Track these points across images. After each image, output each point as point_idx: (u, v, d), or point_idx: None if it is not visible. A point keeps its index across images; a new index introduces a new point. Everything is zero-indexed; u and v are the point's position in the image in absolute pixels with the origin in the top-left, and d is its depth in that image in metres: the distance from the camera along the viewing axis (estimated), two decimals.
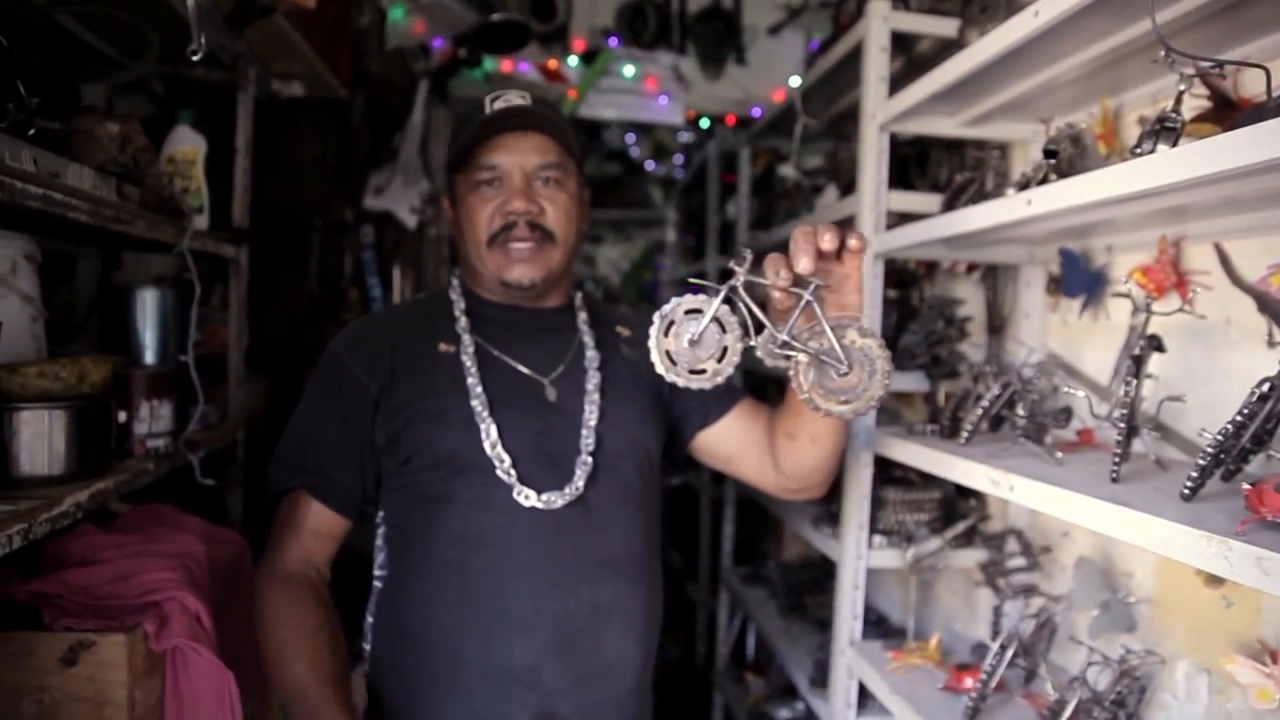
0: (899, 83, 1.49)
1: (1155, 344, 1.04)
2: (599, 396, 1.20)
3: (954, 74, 1.27)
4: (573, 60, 2.93)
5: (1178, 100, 0.90)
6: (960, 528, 1.57)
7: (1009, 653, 1.23)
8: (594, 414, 1.18)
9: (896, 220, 1.63)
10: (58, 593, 1.02)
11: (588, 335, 1.26)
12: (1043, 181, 1.14)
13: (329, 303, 2.60)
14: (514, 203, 1.17)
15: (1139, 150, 0.91)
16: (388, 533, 1.20)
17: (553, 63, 2.91)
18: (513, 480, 1.11)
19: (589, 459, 1.15)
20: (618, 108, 2.97)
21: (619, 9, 2.99)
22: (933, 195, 1.63)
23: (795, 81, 2.40)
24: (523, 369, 1.20)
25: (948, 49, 1.48)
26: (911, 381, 1.61)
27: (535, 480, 1.12)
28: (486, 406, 1.13)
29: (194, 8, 1.06)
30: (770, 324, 0.95)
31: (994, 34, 1.14)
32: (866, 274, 1.60)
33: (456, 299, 1.24)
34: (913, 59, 1.92)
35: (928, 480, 1.65)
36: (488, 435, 1.12)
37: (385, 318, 1.31)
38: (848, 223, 1.77)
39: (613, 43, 2.97)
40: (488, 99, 1.21)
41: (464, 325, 1.20)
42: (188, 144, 1.50)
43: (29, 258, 1.13)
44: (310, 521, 1.17)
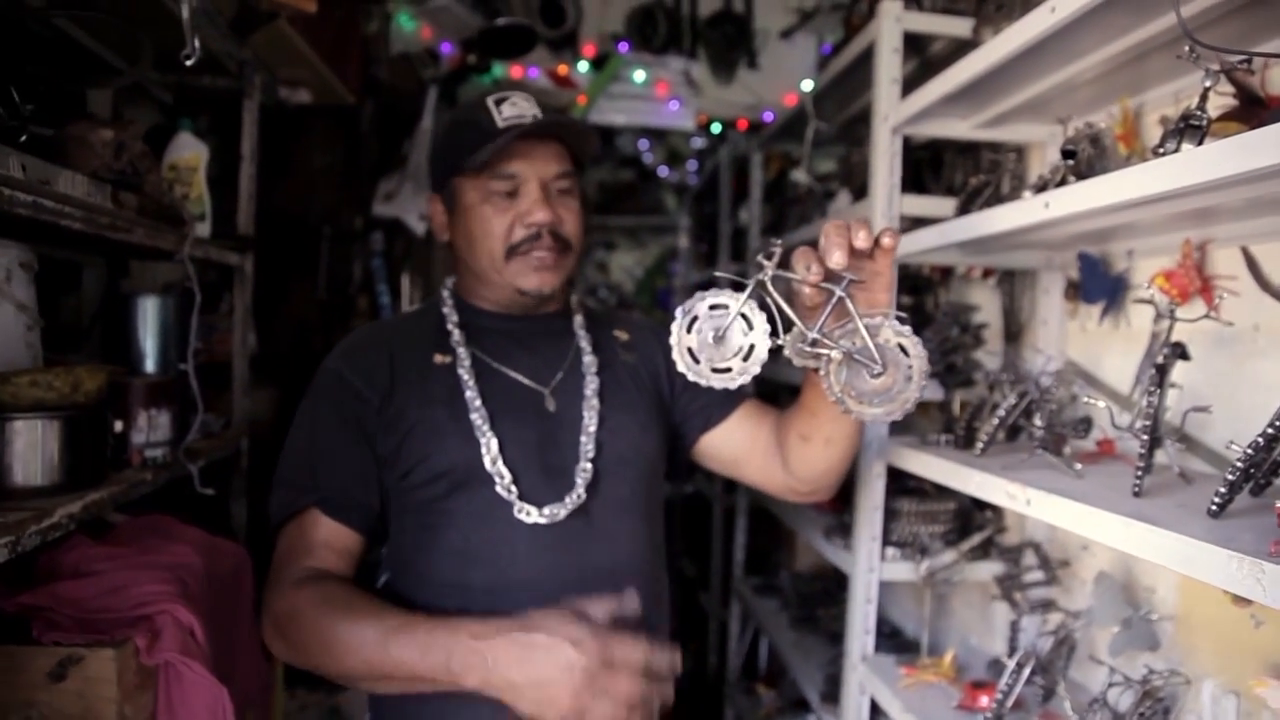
0: (912, 85, 1.46)
1: (1179, 352, 1.00)
2: (598, 402, 1.17)
3: (968, 74, 1.24)
4: (583, 66, 2.92)
5: (1203, 97, 0.86)
6: (976, 540, 1.53)
7: (1026, 671, 1.19)
8: (593, 420, 1.15)
9: (910, 225, 1.59)
10: (48, 606, 1.00)
11: (585, 340, 1.23)
12: (1061, 183, 1.10)
13: (338, 310, 2.59)
14: (538, 214, 1.12)
15: (1162, 150, 0.87)
16: (389, 552, 1.17)
17: (562, 68, 2.89)
18: (513, 497, 1.07)
19: (589, 466, 1.12)
20: (628, 113, 2.95)
21: (629, 14, 2.97)
22: (947, 199, 1.59)
23: (807, 85, 2.37)
24: (522, 379, 1.17)
25: (962, 50, 1.45)
26: (924, 391, 1.57)
27: (536, 493, 1.09)
28: (487, 420, 1.10)
29: (189, 12, 1.04)
30: (799, 321, 0.90)
31: (1009, 31, 1.11)
32: None
33: (449, 312, 1.20)
34: (926, 61, 1.89)
35: (942, 491, 1.61)
36: (488, 450, 1.08)
37: (380, 331, 1.25)
38: None
39: (623, 48, 2.95)
40: (490, 101, 1.16)
41: (458, 338, 1.16)
42: (189, 151, 1.49)
43: (25, 266, 1.12)
44: (322, 537, 1.08)
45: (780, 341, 0.89)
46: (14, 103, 0.96)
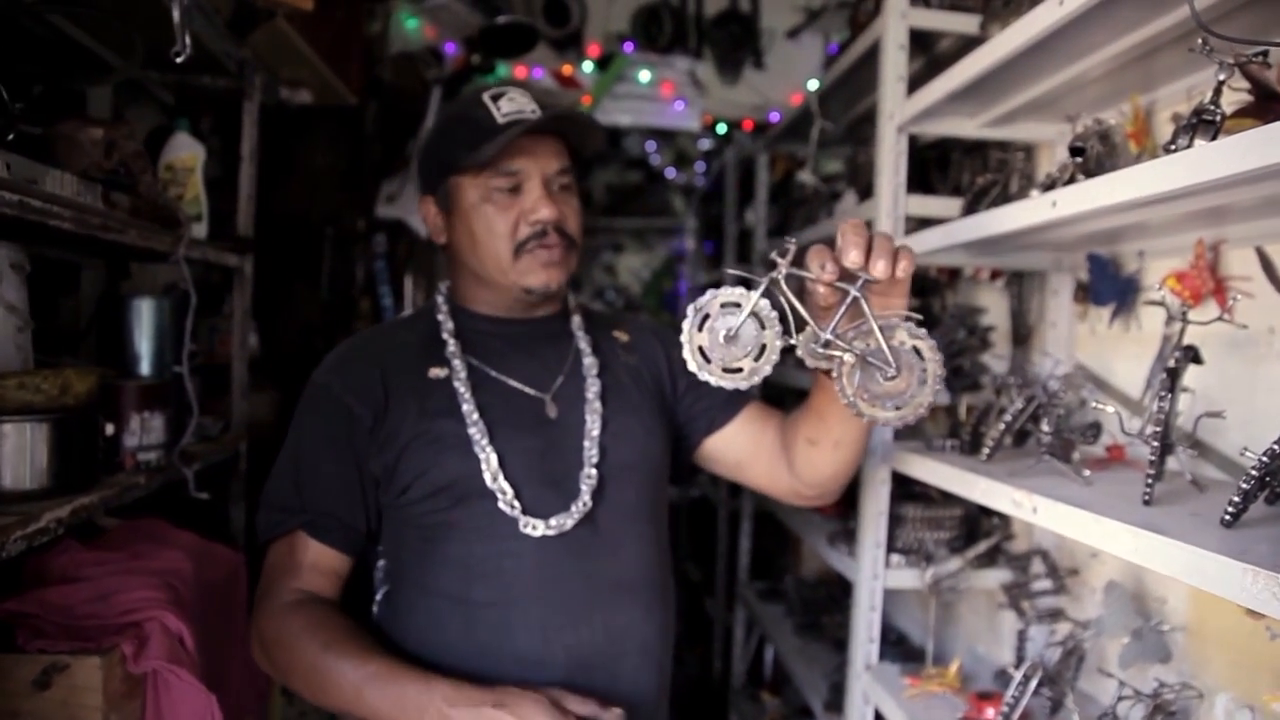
0: (919, 84, 1.43)
1: (1191, 355, 0.97)
2: (600, 405, 1.14)
3: (974, 70, 1.21)
4: (587, 66, 2.90)
5: (1216, 92, 0.83)
6: (982, 547, 1.50)
7: (1033, 683, 1.16)
8: (596, 424, 1.12)
9: (916, 225, 1.57)
10: (33, 612, 0.99)
11: (584, 342, 1.20)
12: (1069, 182, 1.07)
13: (340, 312, 2.58)
14: (543, 210, 1.09)
15: (1173, 146, 0.85)
16: (387, 566, 1.13)
17: (567, 68, 2.88)
18: (517, 512, 1.04)
19: (593, 472, 1.09)
20: (633, 113, 2.93)
21: (634, 13, 2.95)
22: (954, 199, 1.56)
23: (814, 85, 2.34)
24: (521, 387, 1.13)
25: (969, 47, 1.42)
26: (939, 394, 1.54)
27: (540, 504, 1.06)
28: (485, 434, 1.06)
29: (180, 10, 1.02)
30: (812, 321, 0.88)
31: (1016, 26, 1.08)
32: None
33: (444, 319, 1.16)
34: (934, 59, 1.86)
35: (949, 497, 1.58)
36: (488, 465, 1.05)
37: (371, 342, 1.19)
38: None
39: (628, 48, 2.93)
40: (486, 97, 1.11)
41: (454, 349, 1.13)
42: (186, 151, 1.48)
43: (15, 266, 1.11)
44: (309, 559, 1.06)
45: (793, 341, 0.88)
46: (2, 100, 0.95)
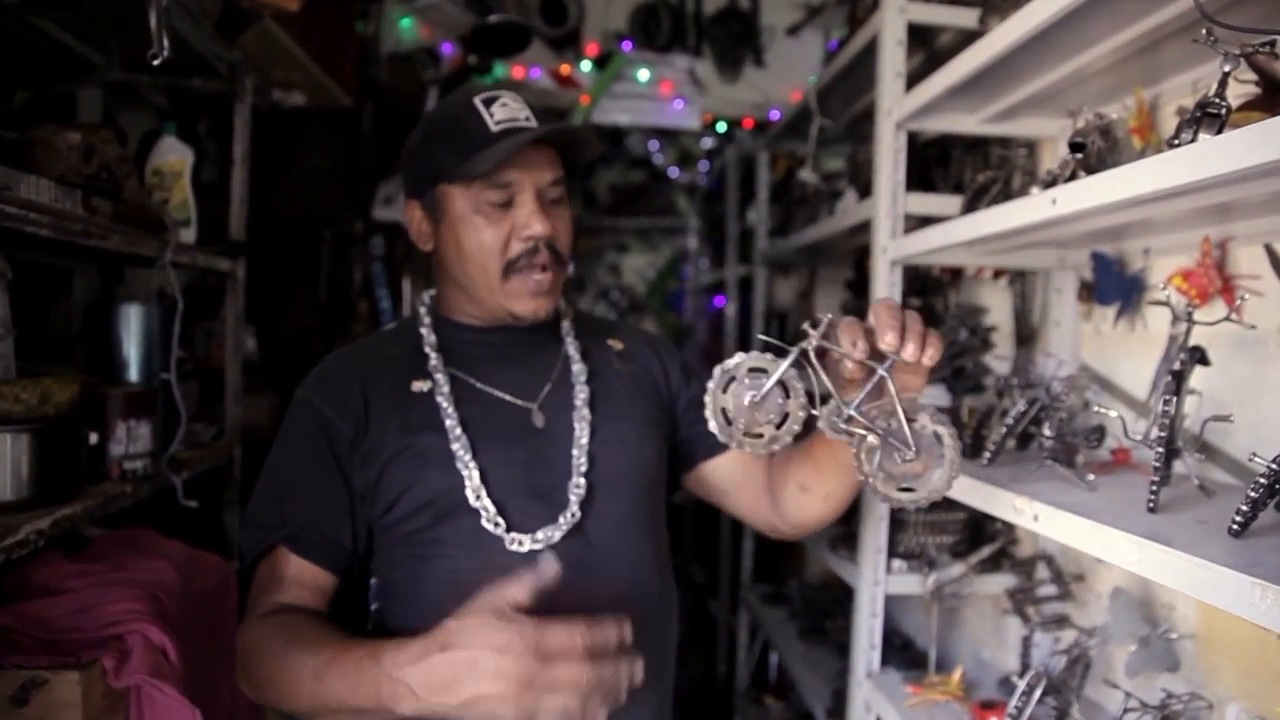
0: (919, 81, 1.40)
1: (1198, 356, 0.94)
2: (589, 412, 1.10)
3: (973, 64, 1.18)
4: (585, 65, 2.87)
5: (1221, 84, 0.80)
6: (985, 552, 1.47)
7: (1036, 693, 1.13)
8: (584, 432, 1.09)
9: (916, 224, 1.54)
10: (11, 626, 0.97)
11: (573, 348, 1.16)
12: (1070, 179, 1.04)
13: (338, 315, 2.57)
14: (535, 226, 1.04)
15: (1177, 141, 0.82)
16: (378, 584, 1.10)
17: (565, 68, 2.85)
18: (501, 531, 1.01)
19: (582, 482, 1.06)
20: (632, 113, 2.90)
21: (632, 11, 2.92)
22: (954, 197, 1.53)
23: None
24: (507, 397, 1.10)
25: (969, 42, 1.39)
26: (931, 396, 1.51)
27: (527, 519, 1.03)
28: (468, 449, 1.03)
29: (156, 12, 1.00)
30: (836, 394, 0.89)
31: (1015, 18, 1.05)
32: (884, 281, 1.51)
33: (426, 333, 1.12)
34: (933, 54, 1.83)
35: (951, 500, 1.55)
36: (470, 481, 1.02)
37: (353, 356, 1.15)
38: (864, 226, 1.69)
39: (626, 46, 2.90)
40: (478, 101, 1.08)
41: (436, 363, 1.09)
42: (174, 155, 1.46)
43: None
44: (291, 574, 1.02)
45: (815, 412, 0.89)
46: None
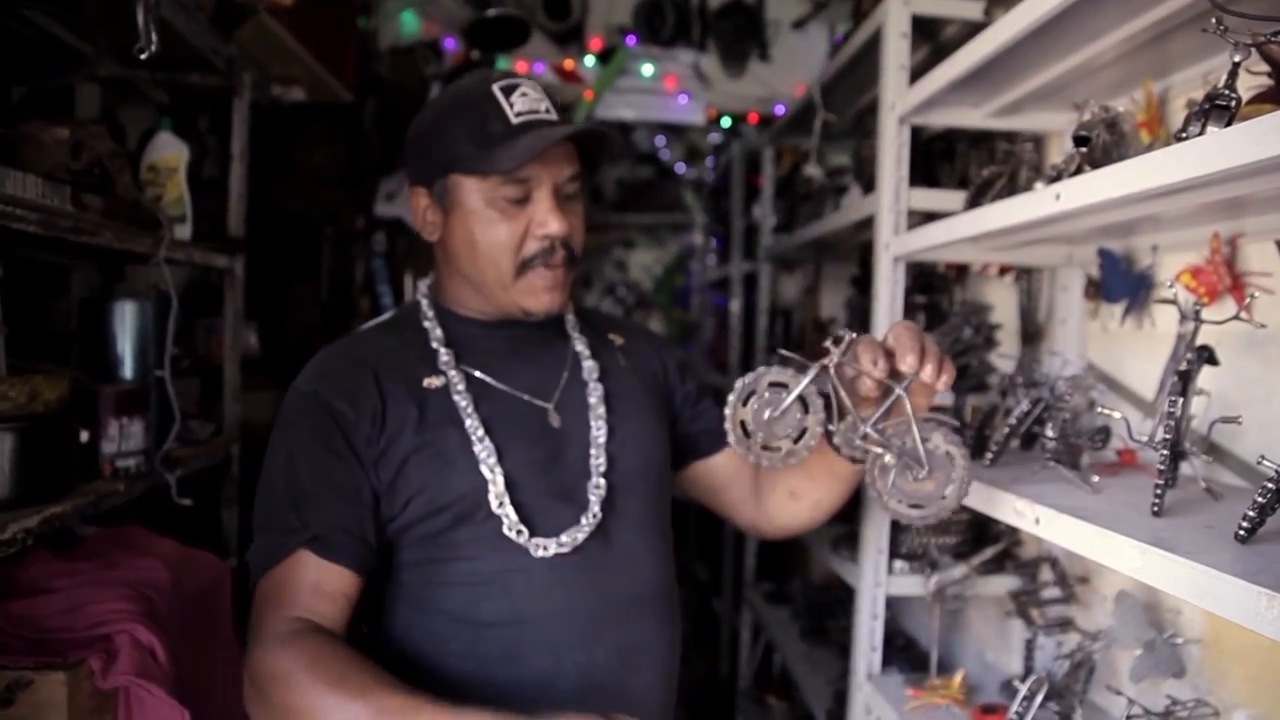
0: (924, 74, 1.37)
1: (1206, 356, 0.91)
2: (604, 411, 1.07)
3: (977, 56, 1.16)
4: (589, 60, 2.85)
5: (1231, 75, 0.77)
6: (988, 554, 1.45)
7: (1038, 699, 1.11)
8: (602, 431, 1.06)
9: (920, 219, 1.51)
10: None
11: (580, 344, 1.13)
12: (1076, 173, 1.02)
13: (339, 311, 2.56)
14: (552, 224, 1.00)
15: (1184, 134, 0.79)
16: (380, 585, 1.05)
17: (569, 63, 2.83)
18: (524, 539, 0.97)
19: (602, 482, 1.03)
20: (636, 108, 2.88)
21: (636, 6, 2.90)
22: (959, 193, 1.51)
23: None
24: (524, 396, 1.05)
25: (975, 35, 1.36)
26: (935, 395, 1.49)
27: (549, 521, 1.00)
28: (492, 452, 0.99)
29: (144, 4, 0.99)
30: (854, 411, 0.91)
31: (1020, 8, 1.03)
32: (887, 277, 1.49)
33: (431, 326, 1.07)
34: (939, 47, 1.80)
35: None
36: (494, 486, 0.98)
37: (355, 348, 1.08)
38: (869, 222, 1.66)
39: (630, 41, 2.88)
40: (497, 89, 1.00)
41: (447, 358, 1.04)
42: (169, 151, 1.45)
43: None
44: (311, 580, 0.93)
45: (832, 428, 0.92)
46: None
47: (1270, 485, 0.72)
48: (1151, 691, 1.13)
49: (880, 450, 0.89)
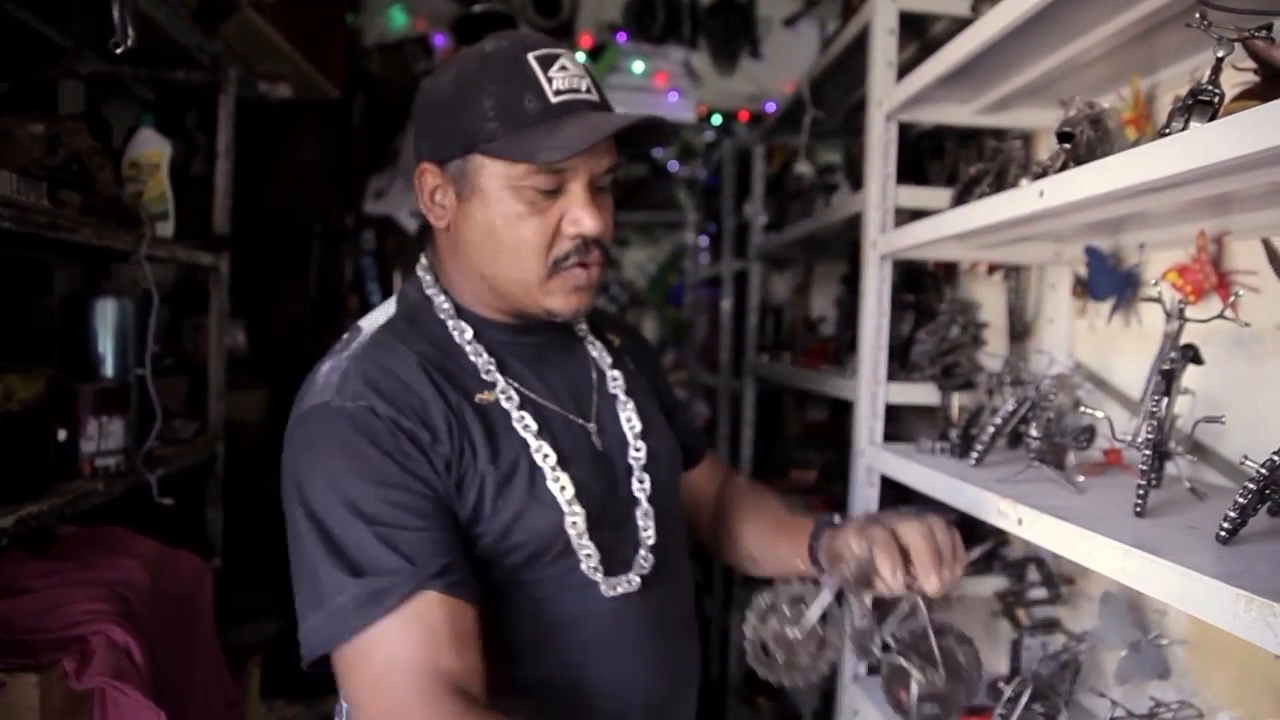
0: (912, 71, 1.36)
1: (1190, 355, 0.91)
2: (639, 426, 1.00)
3: (963, 52, 1.15)
4: (579, 57, 2.84)
5: (1215, 70, 0.77)
6: (975, 554, 1.42)
7: (1023, 700, 1.10)
8: (642, 452, 0.98)
9: (907, 217, 1.50)
10: None
11: (596, 349, 1.05)
12: (1061, 170, 1.01)
13: (328, 309, 2.55)
14: (587, 222, 0.88)
15: (1167, 130, 0.78)
16: None
17: None
18: (600, 576, 0.90)
19: (651, 510, 0.97)
20: (626, 105, 2.84)
21: (627, 2, 2.89)
22: (946, 190, 1.50)
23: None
24: (571, 416, 0.96)
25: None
26: (921, 394, 1.48)
27: (614, 556, 0.92)
28: (571, 485, 0.89)
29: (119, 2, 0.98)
30: (870, 617, 0.93)
31: (1005, 3, 1.02)
32: (873, 277, 1.48)
33: (456, 328, 0.94)
34: (927, 44, 1.79)
35: (938, 501, 1.52)
36: (575, 523, 0.88)
37: (398, 356, 0.89)
38: (857, 220, 1.65)
39: (620, 38, 2.87)
40: (533, 58, 0.85)
41: (492, 369, 0.92)
42: (151, 147, 1.44)
43: None
44: (450, 625, 0.77)
45: (848, 635, 0.93)
46: None
47: (1251, 485, 0.71)
48: (1136, 693, 1.12)
49: (904, 663, 0.92)
